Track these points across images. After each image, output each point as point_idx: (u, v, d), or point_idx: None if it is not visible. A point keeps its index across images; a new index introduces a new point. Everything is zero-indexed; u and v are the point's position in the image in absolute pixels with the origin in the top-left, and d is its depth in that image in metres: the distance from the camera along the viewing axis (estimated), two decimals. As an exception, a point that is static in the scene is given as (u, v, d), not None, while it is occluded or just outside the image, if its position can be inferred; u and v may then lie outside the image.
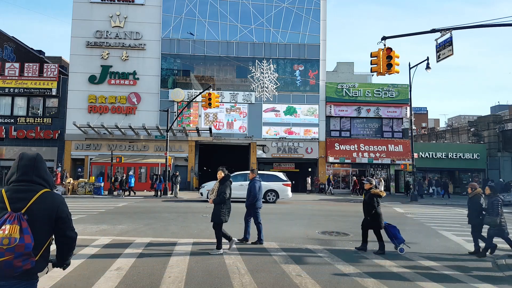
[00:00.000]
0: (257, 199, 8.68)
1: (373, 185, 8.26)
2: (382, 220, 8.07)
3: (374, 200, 8.03)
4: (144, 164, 28.20)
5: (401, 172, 30.62)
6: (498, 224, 7.67)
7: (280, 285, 5.54)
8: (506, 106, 68.37)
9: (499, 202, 7.77)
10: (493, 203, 7.80)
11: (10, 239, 2.24)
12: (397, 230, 8.07)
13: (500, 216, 7.72)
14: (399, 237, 7.97)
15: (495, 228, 7.76)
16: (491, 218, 7.73)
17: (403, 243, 7.97)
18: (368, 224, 8.13)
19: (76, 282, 5.46)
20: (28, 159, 2.60)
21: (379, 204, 8.08)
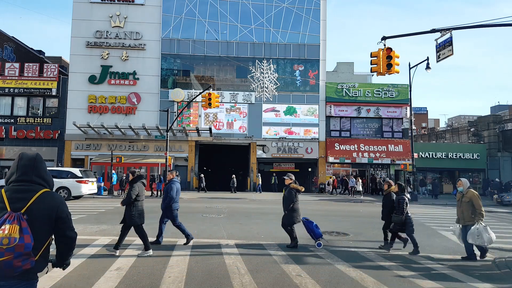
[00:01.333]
0: (174, 201, 8.29)
1: (292, 180, 8.44)
2: (296, 216, 8.22)
3: (292, 195, 8.21)
4: (144, 164, 28.19)
5: (401, 172, 30.60)
6: (402, 221, 7.94)
7: (280, 285, 5.54)
8: (506, 106, 68.37)
9: (405, 201, 8.01)
10: (399, 201, 8.07)
11: (9, 239, 2.24)
12: (314, 226, 8.34)
13: (407, 214, 8.00)
14: (317, 232, 8.27)
15: (398, 226, 8.05)
16: (397, 216, 8.00)
17: (321, 237, 8.30)
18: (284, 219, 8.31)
19: (76, 282, 5.46)
20: (28, 159, 2.60)
21: (297, 199, 8.28)
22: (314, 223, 8.40)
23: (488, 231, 7.22)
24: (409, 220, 7.99)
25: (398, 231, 8.15)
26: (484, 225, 7.29)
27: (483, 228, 7.21)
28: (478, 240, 7.21)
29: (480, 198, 7.53)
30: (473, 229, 7.26)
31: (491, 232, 7.28)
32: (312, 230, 8.28)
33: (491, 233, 7.23)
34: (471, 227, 7.30)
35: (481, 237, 7.15)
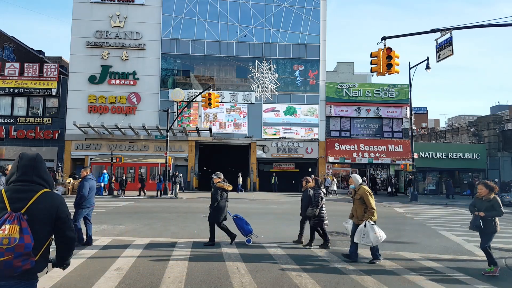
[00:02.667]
0: (86, 199, 7.98)
1: (221, 179, 8.52)
2: (221, 214, 8.31)
3: (218, 193, 8.30)
4: (144, 164, 28.20)
5: (401, 172, 30.62)
6: (317, 215, 8.09)
7: (280, 285, 5.54)
8: (506, 106, 68.39)
9: (320, 195, 8.17)
10: (315, 195, 8.21)
11: (9, 239, 2.24)
12: (244, 222, 8.52)
13: (321, 209, 8.16)
14: (246, 229, 8.42)
15: (314, 219, 8.18)
16: (311, 209, 8.13)
17: (251, 233, 8.44)
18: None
19: (76, 282, 5.46)
20: (28, 159, 2.60)
21: (222, 198, 8.34)
22: (244, 220, 8.58)
23: (375, 230, 6.81)
24: (322, 215, 8.15)
25: (315, 225, 8.25)
26: (372, 224, 6.89)
27: (370, 227, 6.82)
28: (364, 239, 6.83)
29: (371, 195, 7.20)
30: (360, 227, 6.92)
31: (379, 231, 6.85)
32: (242, 227, 8.48)
33: (378, 232, 6.82)
34: None
35: (367, 236, 6.78)
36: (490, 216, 6.42)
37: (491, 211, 6.39)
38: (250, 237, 8.39)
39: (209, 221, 8.34)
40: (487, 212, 6.42)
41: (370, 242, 6.80)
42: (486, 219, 6.44)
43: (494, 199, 6.44)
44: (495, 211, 6.38)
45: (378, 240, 6.79)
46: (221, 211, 8.27)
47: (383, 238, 6.86)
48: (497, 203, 6.39)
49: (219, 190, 8.30)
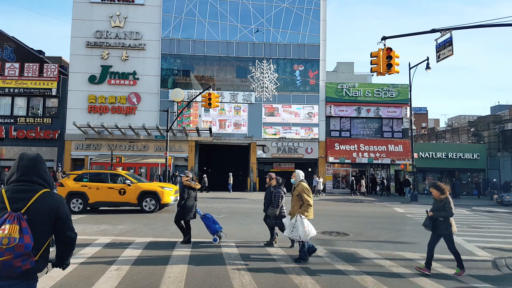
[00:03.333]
0: None
1: (189, 178, 8.57)
2: (187, 212, 8.35)
3: (185, 192, 8.36)
4: (144, 164, 28.20)
5: (401, 172, 30.62)
6: (276, 215, 8.01)
7: (280, 285, 5.54)
8: (506, 106, 68.38)
9: (280, 194, 8.09)
10: (275, 194, 8.12)
11: (9, 239, 2.24)
12: (211, 221, 8.54)
13: (281, 208, 8.10)
14: (212, 227, 8.47)
15: (272, 219, 8.11)
16: (272, 209, 8.07)
17: (218, 232, 8.46)
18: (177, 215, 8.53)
19: (76, 282, 5.46)
20: (28, 159, 2.60)
21: (190, 197, 8.39)
22: (212, 219, 8.61)
23: (305, 224, 6.74)
24: (282, 214, 8.08)
25: (274, 225, 8.21)
26: (303, 218, 6.84)
27: (300, 221, 6.76)
28: (293, 233, 6.80)
29: (309, 192, 7.15)
30: (292, 220, 6.92)
31: (308, 225, 6.77)
32: (209, 226, 8.53)
33: (307, 227, 6.73)
34: None
35: (296, 230, 6.72)
36: (438, 216, 6.42)
37: (441, 211, 6.39)
38: (216, 236, 8.46)
39: (178, 219, 8.45)
40: (436, 212, 6.44)
41: (298, 236, 6.73)
42: (438, 220, 6.42)
43: (445, 199, 6.40)
44: (445, 212, 6.36)
45: (306, 234, 6.68)
46: (188, 209, 8.36)
47: (311, 234, 6.76)
48: (448, 203, 6.34)
49: (186, 188, 8.41)
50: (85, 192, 13.77)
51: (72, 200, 13.72)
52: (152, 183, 15.91)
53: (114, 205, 14.16)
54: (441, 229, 6.39)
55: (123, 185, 14.00)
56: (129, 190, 13.92)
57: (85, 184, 13.95)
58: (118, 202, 13.97)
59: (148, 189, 14.19)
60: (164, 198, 14.06)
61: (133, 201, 13.90)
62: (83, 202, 13.79)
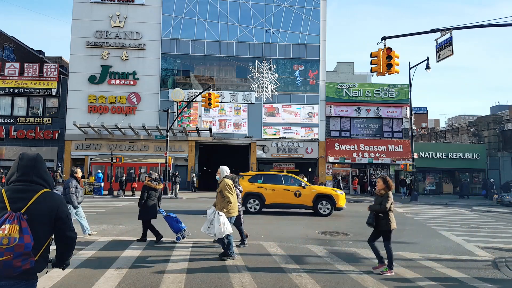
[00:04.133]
0: None
1: (151, 178, 8.59)
2: (148, 212, 8.40)
3: (145, 192, 8.43)
4: (144, 164, 28.20)
5: (401, 172, 30.61)
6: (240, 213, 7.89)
7: (280, 285, 5.54)
8: (506, 106, 68.33)
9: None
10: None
11: (9, 238, 2.24)
12: (174, 220, 8.60)
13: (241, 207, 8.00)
14: (175, 227, 8.56)
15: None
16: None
17: (181, 231, 8.54)
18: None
19: (76, 282, 5.46)
20: (28, 159, 2.60)
21: (150, 197, 8.45)
22: (175, 218, 8.64)
23: (221, 221, 6.56)
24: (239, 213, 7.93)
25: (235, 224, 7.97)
26: (221, 215, 6.68)
27: (217, 218, 6.61)
28: (209, 229, 6.68)
29: (231, 189, 7.04)
30: (210, 217, 6.76)
31: (225, 223, 6.61)
32: (171, 225, 8.59)
33: (223, 224, 6.57)
34: None
35: (213, 227, 6.60)
36: (373, 209, 6.40)
37: (376, 206, 6.36)
38: (179, 235, 8.54)
39: (139, 219, 8.54)
40: (372, 206, 6.43)
41: (213, 233, 6.62)
42: (379, 217, 6.36)
43: (385, 195, 6.34)
44: (378, 206, 6.32)
45: (221, 232, 6.54)
46: (148, 209, 8.43)
47: (226, 231, 6.60)
48: (385, 199, 6.28)
49: (146, 189, 8.48)
50: (262, 193, 13.79)
51: (248, 201, 13.72)
52: (325, 187, 15.72)
53: (289, 207, 14.08)
54: (381, 225, 6.34)
55: (298, 187, 13.92)
56: (304, 192, 13.84)
57: (261, 185, 13.92)
58: (293, 204, 13.91)
59: (323, 192, 14.16)
60: (339, 201, 13.96)
61: (308, 204, 13.80)
62: (260, 203, 13.78)
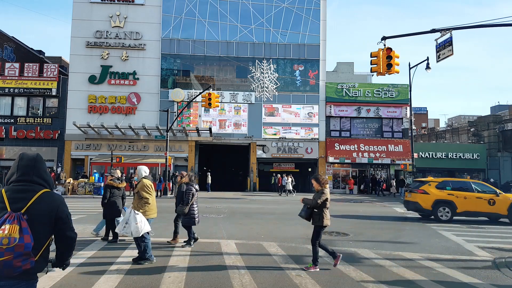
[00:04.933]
0: None
1: (113, 177, 8.65)
2: (111, 211, 8.53)
3: (107, 191, 8.52)
4: (144, 164, 28.08)
5: (401, 172, 30.61)
6: (186, 213, 7.82)
7: (280, 285, 5.54)
8: (506, 106, 68.34)
9: (191, 192, 7.91)
10: (186, 191, 7.94)
11: (9, 239, 2.24)
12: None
13: (192, 206, 7.90)
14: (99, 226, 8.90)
15: (185, 217, 7.92)
16: (181, 207, 7.89)
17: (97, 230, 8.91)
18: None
19: (76, 282, 5.46)
20: (28, 159, 2.60)
21: (113, 196, 8.51)
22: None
23: (138, 220, 6.39)
24: (192, 212, 7.88)
25: (186, 223, 7.94)
26: (138, 213, 6.53)
27: (133, 217, 6.43)
28: (125, 229, 6.45)
29: (149, 189, 7.00)
30: (126, 216, 6.61)
31: (142, 221, 6.44)
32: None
33: (140, 223, 6.39)
34: None
35: (129, 226, 6.38)
36: (305, 202, 6.52)
37: (309, 200, 6.48)
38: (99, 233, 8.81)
39: (104, 218, 8.70)
40: (305, 199, 6.55)
41: (130, 232, 6.41)
42: (314, 211, 6.43)
43: (320, 191, 6.42)
44: (311, 200, 6.44)
45: (138, 231, 6.35)
46: (112, 208, 8.53)
47: (144, 230, 6.42)
48: (320, 194, 6.36)
49: (108, 188, 8.59)
50: (453, 201, 13.30)
51: (439, 208, 13.31)
52: None
53: (481, 215, 13.48)
54: (314, 220, 6.42)
55: (491, 195, 13.38)
56: (498, 200, 13.17)
57: (451, 192, 13.48)
58: (487, 213, 13.30)
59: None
60: None
61: (502, 212, 13.14)
62: (451, 211, 13.29)
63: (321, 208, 6.35)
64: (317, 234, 6.35)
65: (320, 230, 6.37)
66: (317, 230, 6.38)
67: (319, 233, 6.35)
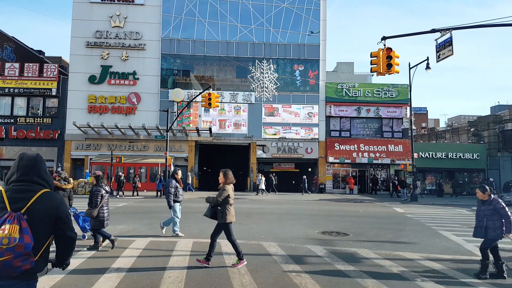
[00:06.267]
0: None
1: (60, 178, 8.34)
2: None
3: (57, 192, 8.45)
4: (144, 164, 28.20)
5: (401, 172, 30.60)
6: (95, 216, 7.58)
7: (280, 285, 5.54)
8: (506, 106, 68.34)
9: (100, 193, 7.71)
10: (94, 193, 7.72)
11: (9, 239, 2.24)
12: (81, 219, 8.81)
13: (101, 208, 7.68)
14: (81, 226, 8.80)
15: (94, 221, 7.63)
16: (89, 210, 7.69)
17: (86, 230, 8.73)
18: None
19: (76, 282, 5.46)
20: (28, 159, 2.60)
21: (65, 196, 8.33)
22: (82, 217, 8.83)
23: None
24: (101, 214, 7.61)
25: (95, 227, 7.60)
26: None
27: None
28: None
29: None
30: None
31: None
32: (79, 223, 8.78)
33: None
34: None
35: None
36: (206, 201, 6.66)
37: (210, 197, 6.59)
38: (85, 234, 8.76)
39: None
40: (207, 198, 6.67)
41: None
42: (218, 209, 6.51)
43: (222, 188, 6.50)
44: (212, 197, 6.55)
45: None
46: None
47: None
48: (221, 192, 6.44)
49: (55, 189, 8.48)
50: None
51: None
52: None
53: None
54: (218, 217, 6.46)
55: None
56: None
57: None
58: None
59: None
60: None
61: None
62: None
63: (223, 205, 6.42)
64: (228, 231, 6.40)
65: (224, 227, 6.41)
66: (225, 227, 6.41)
67: (227, 229, 6.41)
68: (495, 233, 6.21)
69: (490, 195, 6.49)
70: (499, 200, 6.44)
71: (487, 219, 6.30)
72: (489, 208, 6.35)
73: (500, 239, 6.28)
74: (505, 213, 6.21)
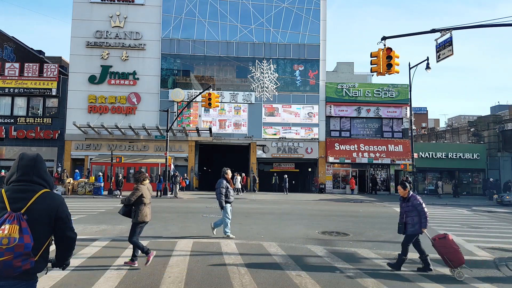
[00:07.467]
0: None
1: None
2: None
3: None
4: (144, 164, 28.18)
5: (401, 172, 30.59)
6: None
7: (280, 285, 5.54)
8: (506, 106, 68.34)
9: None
10: None
11: (9, 239, 2.24)
12: None
13: None
14: None
15: None
16: None
17: None
18: None
19: (76, 282, 5.46)
20: (29, 159, 2.60)
21: None
22: None
23: None
24: None
25: None
26: None
27: None
28: None
29: None
30: None
31: None
32: None
33: None
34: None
35: None
36: (121, 201, 6.65)
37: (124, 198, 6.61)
38: None
39: None
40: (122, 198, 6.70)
41: None
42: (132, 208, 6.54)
43: (134, 188, 6.53)
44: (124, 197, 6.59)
45: None
46: None
47: None
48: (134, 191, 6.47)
49: None
50: None
51: None
52: None
53: None
54: (132, 216, 6.50)
55: None
56: None
57: None
58: None
59: None
60: None
61: None
62: None
63: (137, 204, 6.44)
64: (133, 230, 6.41)
65: (136, 226, 6.43)
66: (134, 227, 6.44)
67: (135, 230, 6.42)
68: (414, 228, 6.46)
69: (409, 192, 6.76)
70: (416, 197, 6.70)
71: (407, 215, 6.58)
72: (408, 204, 6.63)
73: (420, 234, 6.48)
74: (421, 209, 6.50)
